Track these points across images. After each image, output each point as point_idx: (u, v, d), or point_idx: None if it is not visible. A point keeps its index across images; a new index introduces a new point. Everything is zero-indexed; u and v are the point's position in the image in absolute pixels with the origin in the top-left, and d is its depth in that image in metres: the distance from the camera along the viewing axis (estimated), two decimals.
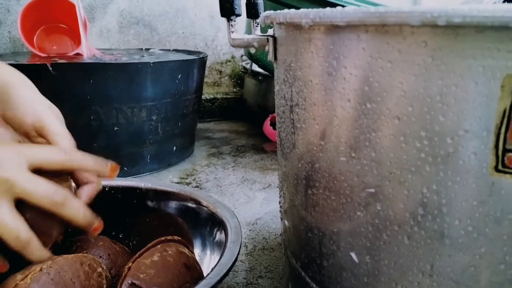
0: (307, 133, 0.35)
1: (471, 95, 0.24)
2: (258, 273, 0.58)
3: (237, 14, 0.43)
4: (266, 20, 0.38)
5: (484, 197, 0.25)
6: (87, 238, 0.48)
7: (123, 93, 0.87)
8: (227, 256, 0.41)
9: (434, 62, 0.25)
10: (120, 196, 0.57)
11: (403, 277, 0.30)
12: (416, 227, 0.28)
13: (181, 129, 1.02)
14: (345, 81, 0.30)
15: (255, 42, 0.42)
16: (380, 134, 0.28)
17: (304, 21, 0.31)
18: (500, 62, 0.23)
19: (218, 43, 1.56)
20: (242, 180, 0.94)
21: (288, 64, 0.36)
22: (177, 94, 0.96)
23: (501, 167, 0.24)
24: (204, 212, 0.52)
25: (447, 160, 0.26)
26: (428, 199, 0.27)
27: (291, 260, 0.44)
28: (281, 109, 0.40)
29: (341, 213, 0.33)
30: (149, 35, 1.45)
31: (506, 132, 0.23)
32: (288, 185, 0.41)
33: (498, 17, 0.22)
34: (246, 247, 0.65)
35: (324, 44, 0.31)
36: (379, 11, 0.25)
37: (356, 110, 0.29)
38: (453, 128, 0.25)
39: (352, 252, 0.33)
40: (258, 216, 0.77)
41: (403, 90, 0.26)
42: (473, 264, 0.27)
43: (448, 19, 0.23)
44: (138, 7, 1.42)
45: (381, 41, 0.27)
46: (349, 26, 0.28)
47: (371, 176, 0.30)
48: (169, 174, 0.97)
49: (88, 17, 1.35)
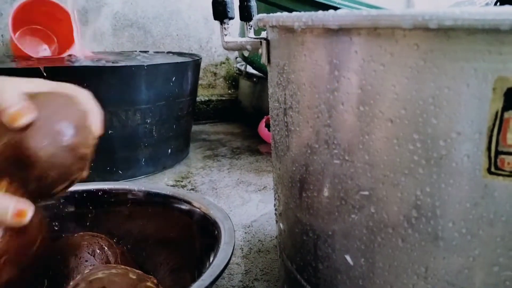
0: (301, 136, 0.35)
1: (463, 98, 0.24)
2: (254, 276, 0.58)
3: (230, 17, 0.43)
4: (259, 23, 0.38)
5: (477, 199, 0.25)
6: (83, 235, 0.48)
7: (117, 96, 0.86)
8: (220, 257, 0.41)
9: (426, 64, 0.25)
10: (113, 200, 0.56)
11: (398, 280, 0.30)
12: (410, 229, 0.28)
13: (176, 131, 1.02)
14: (338, 84, 0.30)
15: (249, 45, 0.42)
16: (374, 137, 0.28)
17: (297, 25, 0.31)
18: (491, 65, 0.23)
19: (212, 45, 1.56)
20: (237, 182, 0.94)
21: (282, 67, 0.36)
22: (171, 96, 0.96)
23: (494, 169, 0.24)
24: (197, 213, 0.52)
25: (440, 163, 0.26)
26: (422, 202, 0.27)
27: (287, 263, 0.44)
28: (275, 112, 0.40)
29: (335, 215, 0.33)
30: (143, 37, 1.45)
31: (499, 134, 0.24)
32: (283, 187, 0.41)
33: (489, 20, 0.22)
34: (241, 249, 0.65)
35: (317, 47, 0.31)
36: (371, 15, 0.25)
37: (349, 113, 0.29)
38: (445, 131, 0.25)
39: (347, 254, 0.33)
40: (254, 218, 0.76)
41: (396, 92, 0.26)
42: (467, 266, 0.27)
43: (439, 22, 0.23)
44: (132, 9, 1.41)
45: (373, 44, 0.27)
46: (342, 29, 0.28)
47: (365, 179, 0.30)
48: (164, 177, 0.97)
49: (81, 20, 1.35)
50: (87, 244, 0.47)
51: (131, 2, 1.40)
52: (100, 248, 0.47)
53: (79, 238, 0.48)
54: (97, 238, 0.49)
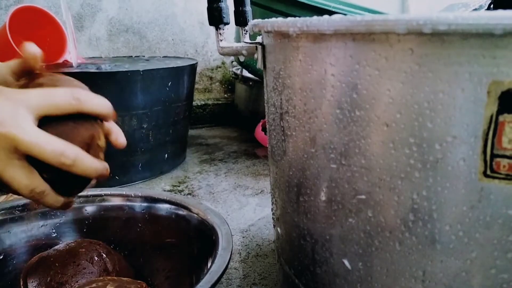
0: (298, 140, 0.35)
1: (458, 102, 0.24)
2: (252, 281, 0.58)
3: (225, 23, 0.43)
4: (254, 28, 0.38)
5: (474, 202, 0.25)
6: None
7: (113, 101, 0.85)
8: (218, 263, 0.41)
9: (421, 69, 0.25)
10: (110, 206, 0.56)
11: (396, 283, 0.30)
12: (407, 233, 0.28)
13: (173, 136, 1.02)
14: (333, 89, 0.30)
15: (244, 50, 0.42)
16: (370, 141, 0.28)
17: (292, 30, 0.31)
18: (485, 69, 0.23)
19: (208, 49, 1.56)
20: (234, 186, 0.94)
21: (277, 72, 0.36)
22: (167, 101, 0.96)
23: (489, 172, 0.24)
24: (195, 219, 0.52)
25: (436, 166, 0.26)
26: (419, 205, 0.27)
27: (285, 267, 0.44)
28: (271, 116, 0.40)
29: (332, 220, 0.33)
30: (138, 42, 1.45)
31: (494, 138, 0.24)
32: (280, 192, 0.41)
33: (482, 24, 0.22)
34: (239, 254, 0.65)
35: (312, 52, 0.31)
36: (366, 20, 0.26)
37: (345, 117, 0.29)
38: (441, 135, 0.25)
39: (344, 258, 0.33)
40: (251, 223, 0.76)
41: (391, 97, 0.26)
42: (465, 269, 0.27)
43: (433, 27, 0.23)
44: (127, 14, 1.41)
45: (368, 49, 0.27)
46: (336, 34, 0.28)
47: (362, 183, 0.30)
48: (161, 182, 0.97)
49: (77, 26, 1.35)
50: (85, 251, 0.47)
51: (126, 8, 1.40)
52: (98, 255, 0.47)
53: (77, 245, 0.48)
54: (95, 245, 0.49)
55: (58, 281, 0.44)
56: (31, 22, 1.13)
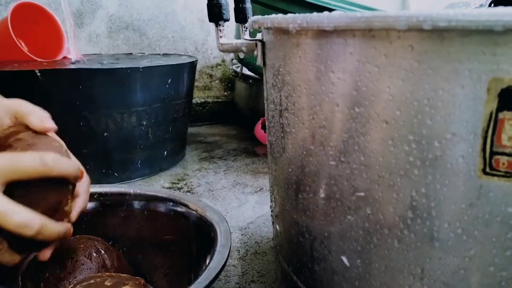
0: (297, 137, 0.35)
1: (457, 99, 0.24)
2: (251, 278, 0.58)
3: (225, 19, 0.43)
4: (254, 25, 0.38)
5: (473, 199, 0.25)
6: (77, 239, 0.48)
7: (113, 98, 0.86)
8: (216, 260, 0.41)
9: (421, 66, 0.25)
10: (109, 203, 0.56)
11: (394, 281, 0.30)
12: (406, 230, 0.28)
13: (172, 133, 1.02)
14: (333, 86, 0.30)
15: (244, 46, 0.42)
16: (369, 138, 0.28)
17: (292, 26, 0.31)
18: (485, 66, 0.23)
19: (208, 47, 1.56)
20: (234, 184, 0.94)
21: (277, 69, 0.36)
22: (167, 98, 0.96)
23: (488, 170, 0.24)
24: (193, 216, 0.52)
25: (435, 163, 0.26)
26: (417, 202, 0.27)
27: (283, 264, 0.44)
28: (271, 113, 0.40)
29: (331, 217, 0.33)
30: (138, 39, 1.44)
31: (493, 135, 0.24)
32: (279, 189, 0.41)
33: (482, 21, 0.22)
34: (238, 251, 0.65)
35: (311, 49, 0.31)
36: (366, 16, 0.25)
37: (345, 114, 0.29)
38: (440, 132, 0.25)
39: (343, 256, 0.33)
40: (250, 220, 0.76)
41: (391, 94, 0.26)
42: (463, 267, 0.27)
43: (433, 24, 0.23)
44: (127, 11, 1.41)
45: (368, 45, 0.27)
46: (336, 31, 0.28)
47: (361, 180, 0.30)
48: (160, 179, 0.97)
49: (77, 22, 1.35)
50: (83, 247, 0.47)
51: (126, 5, 1.40)
52: (97, 251, 0.47)
53: (75, 241, 0.48)
54: (94, 241, 0.49)
55: (57, 277, 0.44)
56: (30, 19, 1.13)
